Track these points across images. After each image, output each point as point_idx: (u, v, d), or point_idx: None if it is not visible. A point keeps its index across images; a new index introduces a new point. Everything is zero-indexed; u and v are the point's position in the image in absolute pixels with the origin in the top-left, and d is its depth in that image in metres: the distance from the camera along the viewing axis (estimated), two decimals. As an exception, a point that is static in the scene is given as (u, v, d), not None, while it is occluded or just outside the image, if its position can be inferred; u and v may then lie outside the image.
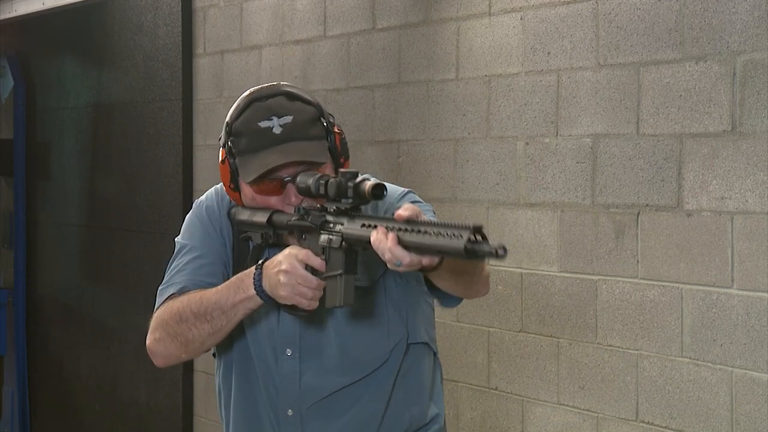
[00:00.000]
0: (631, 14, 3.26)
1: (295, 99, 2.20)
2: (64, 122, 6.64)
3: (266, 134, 2.16)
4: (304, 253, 2.05)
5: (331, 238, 2.04)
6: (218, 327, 2.15)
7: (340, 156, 2.22)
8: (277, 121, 2.17)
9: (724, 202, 3.01)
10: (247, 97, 2.23)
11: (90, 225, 6.39)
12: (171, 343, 2.22)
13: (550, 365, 3.54)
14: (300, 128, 2.17)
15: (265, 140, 2.16)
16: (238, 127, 2.20)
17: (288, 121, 2.17)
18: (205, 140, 5.33)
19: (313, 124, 2.19)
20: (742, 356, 2.97)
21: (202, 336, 2.17)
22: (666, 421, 3.18)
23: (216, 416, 5.32)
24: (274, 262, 2.07)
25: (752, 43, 2.93)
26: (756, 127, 2.93)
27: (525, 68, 3.59)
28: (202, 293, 2.17)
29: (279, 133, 2.15)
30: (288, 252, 2.06)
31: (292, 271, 2.02)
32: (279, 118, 2.17)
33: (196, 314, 2.15)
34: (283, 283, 2.02)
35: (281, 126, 2.16)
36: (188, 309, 2.16)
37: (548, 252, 3.52)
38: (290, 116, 2.17)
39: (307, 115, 2.20)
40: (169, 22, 5.48)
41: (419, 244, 1.84)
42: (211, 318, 2.14)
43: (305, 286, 2.02)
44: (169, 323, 2.20)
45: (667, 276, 3.16)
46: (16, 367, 6.97)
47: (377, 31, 4.22)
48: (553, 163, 3.50)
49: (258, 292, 2.08)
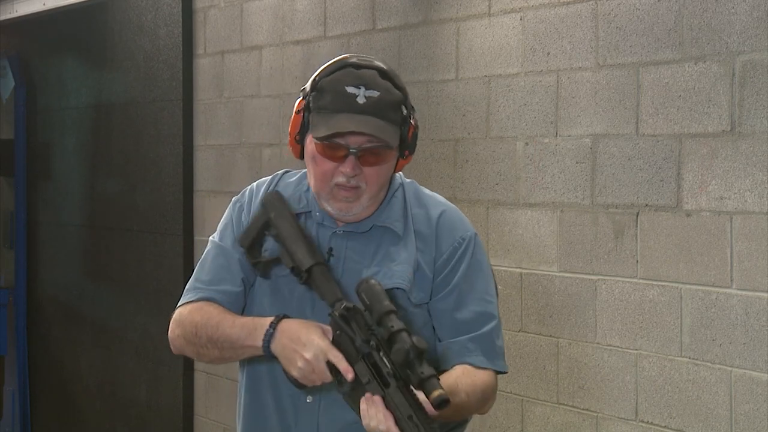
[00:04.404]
0: (631, 15, 3.26)
1: (387, 78, 2.19)
2: (64, 122, 6.64)
3: (349, 99, 2.14)
4: (335, 355, 2.01)
5: (368, 380, 2.00)
6: (227, 357, 2.21)
7: (406, 148, 2.22)
8: (363, 92, 2.14)
9: (724, 202, 3.01)
10: (342, 59, 2.21)
11: (90, 225, 6.39)
12: (186, 346, 2.27)
13: (549, 365, 3.54)
14: (382, 107, 2.15)
15: (347, 105, 2.13)
16: (325, 84, 2.18)
17: (374, 96, 2.14)
18: (205, 140, 5.33)
19: (395, 108, 2.18)
20: (741, 356, 2.98)
21: (211, 357, 2.24)
22: (665, 421, 3.19)
23: (216, 416, 5.33)
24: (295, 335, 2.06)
25: (751, 44, 2.94)
26: (755, 127, 2.93)
27: (525, 68, 3.60)
28: (220, 319, 2.18)
29: (362, 103, 2.13)
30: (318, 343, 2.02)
31: (314, 363, 2.01)
32: (367, 89, 2.15)
33: (209, 338, 2.18)
34: (299, 367, 2.03)
35: (366, 98, 2.14)
36: (204, 330, 2.19)
37: (548, 252, 3.53)
38: (377, 92, 2.15)
39: (393, 97, 2.18)
40: (170, 23, 5.49)
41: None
42: (222, 348, 2.18)
43: (318, 378, 2.03)
44: (188, 331, 2.24)
45: (667, 276, 3.17)
46: (16, 367, 6.97)
47: (377, 32, 4.22)
48: (553, 163, 3.51)
49: (264, 350, 2.09)
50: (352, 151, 2.14)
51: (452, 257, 2.24)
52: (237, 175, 5.09)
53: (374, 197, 2.20)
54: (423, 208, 2.28)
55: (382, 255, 2.21)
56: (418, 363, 1.93)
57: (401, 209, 2.26)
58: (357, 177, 2.15)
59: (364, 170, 2.15)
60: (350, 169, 2.14)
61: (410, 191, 2.31)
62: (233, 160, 5.13)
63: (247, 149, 5.02)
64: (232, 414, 5.62)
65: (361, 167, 2.14)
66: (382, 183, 2.20)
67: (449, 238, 2.25)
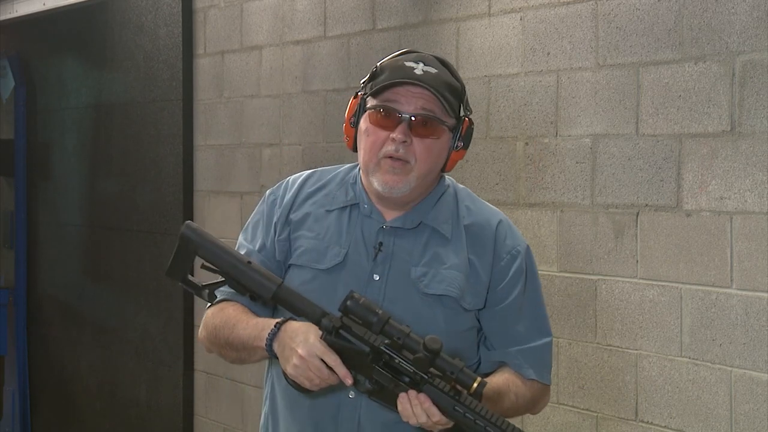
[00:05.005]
0: (631, 15, 3.26)
1: (447, 66, 2.19)
2: (64, 122, 6.64)
3: (407, 70, 2.13)
4: (332, 359, 1.99)
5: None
6: (243, 358, 2.21)
7: (460, 140, 2.19)
8: (422, 66, 2.14)
9: (723, 202, 3.01)
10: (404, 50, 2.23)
11: (90, 225, 6.39)
12: (212, 347, 2.26)
13: (549, 365, 3.54)
14: (440, 83, 2.13)
15: (405, 74, 2.12)
16: (383, 65, 2.18)
17: (432, 71, 2.13)
18: (205, 140, 5.33)
19: (452, 91, 2.16)
20: (741, 356, 2.98)
21: (232, 358, 2.23)
22: (665, 421, 3.19)
23: (216, 416, 5.33)
24: (293, 333, 2.04)
25: (751, 44, 2.94)
26: (755, 127, 2.93)
27: (525, 69, 3.60)
28: (237, 320, 2.16)
29: (419, 74, 2.12)
30: (313, 341, 2.00)
31: (308, 360, 1.99)
32: (425, 65, 2.14)
33: (226, 340, 2.18)
34: (293, 364, 2.00)
35: (424, 71, 2.13)
36: (222, 332, 2.18)
37: (548, 252, 3.53)
38: (436, 70, 2.15)
39: (451, 80, 2.17)
40: (170, 23, 5.49)
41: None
42: (237, 349, 2.17)
43: (316, 376, 2.00)
44: (210, 333, 2.23)
45: (667, 276, 3.17)
46: (16, 366, 6.97)
47: (377, 32, 4.22)
48: (553, 163, 3.51)
49: (267, 349, 2.08)
50: (405, 117, 2.11)
51: (510, 266, 2.22)
52: (237, 175, 5.09)
53: (423, 177, 2.16)
54: (480, 213, 2.25)
55: (430, 255, 2.18)
56: (441, 360, 1.93)
57: (451, 212, 2.23)
58: (407, 149, 2.12)
59: (415, 142, 2.12)
60: (401, 134, 2.10)
61: (464, 194, 2.28)
62: (233, 160, 5.13)
63: (247, 149, 5.02)
64: (232, 414, 5.64)
65: (412, 137, 2.12)
66: (433, 163, 2.17)
67: (508, 245, 2.22)
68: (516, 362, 2.20)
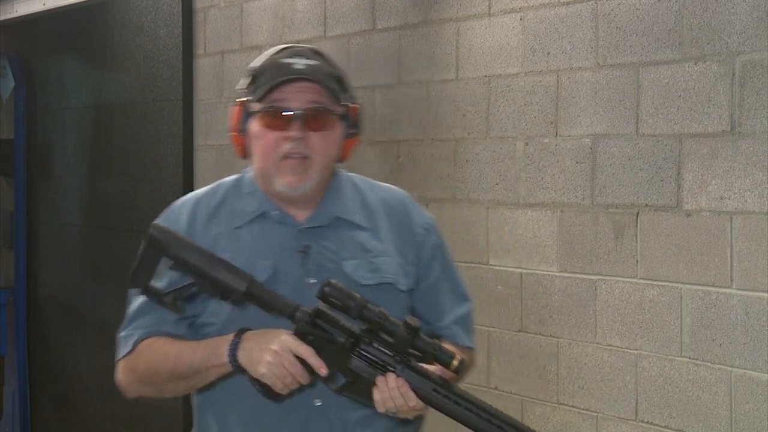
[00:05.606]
0: (631, 15, 3.26)
1: (325, 58, 2.18)
2: (64, 122, 6.64)
3: (288, 67, 2.11)
4: (305, 350, 1.98)
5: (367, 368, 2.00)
6: (194, 385, 2.15)
7: (351, 127, 2.19)
8: (302, 60, 2.12)
9: (723, 202, 3.01)
10: (276, 47, 2.21)
11: (90, 225, 6.39)
12: (145, 388, 2.20)
13: (549, 365, 3.54)
14: (324, 74, 2.12)
15: (285, 71, 2.11)
16: (261, 66, 2.16)
17: (312, 63, 2.12)
18: (205, 140, 5.33)
19: (335, 79, 2.15)
20: (741, 356, 2.98)
21: (177, 390, 2.16)
22: (665, 421, 3.19)
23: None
24: (260, 337, 2.01)
25: (751, 44, 2.93)
26: (755, 127, 2.93)
27: (525, 69, 3.60)
28: (178, 351, 2.10)
29: (301, 68, 2.11)
30: (284, 337, 1.99)
31: (282, 354, 1.97)
32: (305, 59, 2.13)
33: (172, 372, 2.11)
34: (267, 362, 1.97)
35: (305, 65, 2.12)
36: (164, 366, 2.12)
37: (548, 252, 3.53)
38: (316, 61, 2.14)
39: (332, 71, 2.16)
40: (170, 23, 5.49)
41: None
42: (188, 378, 2.11)
43: (290, 373, 1.98)
44: (143, 374, 2.16)
45: (667, 276, 3.17)
46: (16, 366, 6.97)
47: (377, 32, 4.22)
48: (553, 163, 3.51)
49: (231, 362, 2.04)
50: (296, 113, 2.09)
51: (428, 241, 2.25)
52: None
53: (321, 171, 2.15)
54: (386, 194, 2.27)
55: (355, 247, 2.18)
56: (421, 341, 1.96)
57: (358, 200, 2.23)
58: (304, 144, 2.10)
59: (310, 136, 2.10)
60: (296, 131, 2.09)
61: (360, 180, 2.28)
62: (233, 160, 5.12)
63: (247, 149, 5.02)
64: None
65: (307, 132, 2.10)
66: (328, 155, 2.15)
67: (420, 221, 2.26)
68: (451, 333, 2.24)
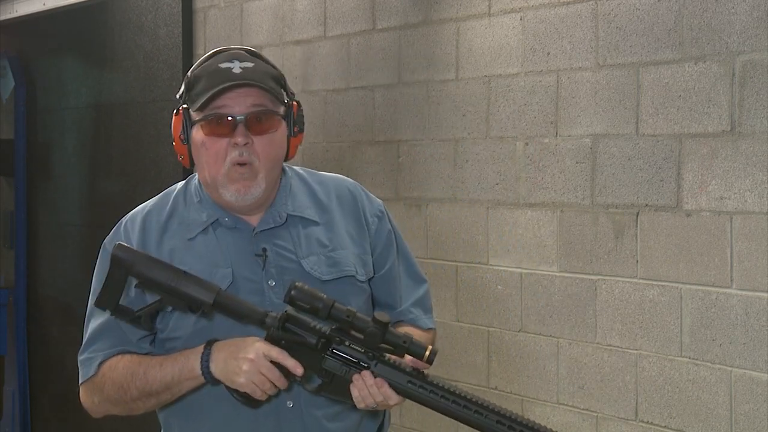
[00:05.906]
0: (631, 15, 3.26)
1: (260, 58, 2.17)
2: (64, 122, 6.64)
3: (225, 72, 2.10)
4: (278, 353, 1.99)
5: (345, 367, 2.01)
6: (164, 400, 2.15)
7: (294, 125, 2.18)
8: (238, 64, 2.11)
9: (724, 202, 3.01)
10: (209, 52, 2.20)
11: (90, 225, 6.39)
12: (113, 408, 2.21)
13: (549, 365, 3.54)
14: (261, 76, 2.11)
15: (223, 77, 2.09)
16: (197, 73, 2.14)
17: (249, 66, 2.12)
18: (205, 140, 5.33)
19: (274, 79, 2.15)
20: (741, 356, 2.98)
21: (146, 407, 2.17)
22: (665, 421, 3.19)
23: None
24: (232, 346, 2.02)
25: (751, 44, 2.94)
26: (755, 127, 2.93)
27: (524, 69, 3.60)
28: (145, 368, 2.10)
29: (238, 72, 2.09)
30: (258, 345, 2.00)
31: (258, 362, 1.98)
32: (241, 62, 2.12)
33: (141, 390, 2.11)
34: (244, 370, 1.98)
35: (242, 68, 2.10)
36: (134, 384, 2.11)
37: (548, 252, 3.53)
38: (253, 63, 2.13)
39: (269, 70, 2.16)
40: (170, 23, 5.49)
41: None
42: (158, 394, 2.11)
43: (268, 379, 1.99)
44: (111, 394, 2.16)
45: (667, 276, 3.17)
46: (16, 366, 6.97)
47: (377, 32, 4.22)
48: (553, 163, 3.51)
49: (204, 375, 2.05)
50: (240, 119, 2.08)
51: (382, 228, 2.26)
52: (237, 175, 5.09)
53: (270, 175, 2.14)
54: (333, 183, 2.27)
55: (311, 244, 2.18)
56: (391, 335, 1.98)
57: (307, 195, 2.23)
58: (250, 150, 2.09)
59: (256, 141, 2.10)
60: (242, 137, 2.08)
61: (306, 174, 2.29)
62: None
63: (247, 149, 5.02)
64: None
65: (252, 136, 2.09)
66: (276, 158, 2.15)
67: (370, 208, 2.26)
68: (412, 317, 2.26)
